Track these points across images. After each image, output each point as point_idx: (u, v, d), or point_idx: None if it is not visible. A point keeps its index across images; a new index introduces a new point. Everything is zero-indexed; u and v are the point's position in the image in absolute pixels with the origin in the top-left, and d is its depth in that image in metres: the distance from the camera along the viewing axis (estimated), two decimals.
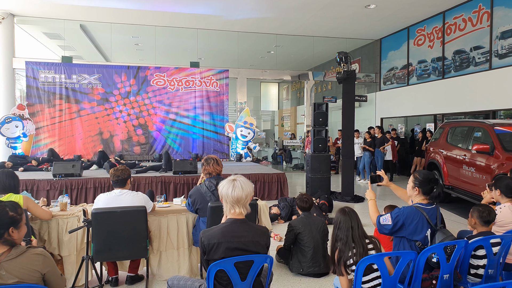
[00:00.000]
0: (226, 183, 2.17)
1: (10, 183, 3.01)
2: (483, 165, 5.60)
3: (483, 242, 2.54)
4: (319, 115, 7.62)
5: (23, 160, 7.94)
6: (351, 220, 2.46)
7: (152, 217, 3.47)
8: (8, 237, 1.79)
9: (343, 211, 2.52)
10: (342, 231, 2.44)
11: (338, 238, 2.46)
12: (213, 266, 2.03)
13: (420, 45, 10.32)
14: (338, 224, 2.48)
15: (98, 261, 3.21)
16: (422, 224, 2.56)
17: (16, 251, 1.79)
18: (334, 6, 8.98)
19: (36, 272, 1.81)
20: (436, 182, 2.67)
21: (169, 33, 11.30)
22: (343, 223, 2.46)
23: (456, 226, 5.26)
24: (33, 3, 9.01)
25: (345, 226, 2.44)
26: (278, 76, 12.29)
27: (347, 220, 2.46)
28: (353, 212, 2.53)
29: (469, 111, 8.63)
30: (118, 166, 3.37)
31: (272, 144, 16.53)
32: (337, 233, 2.47)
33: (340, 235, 2.44)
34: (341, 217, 2.49)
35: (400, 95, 11.14)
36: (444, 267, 2.40)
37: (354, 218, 2.48)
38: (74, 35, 11.51)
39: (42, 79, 9.70)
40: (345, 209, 2.54)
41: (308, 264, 3.60)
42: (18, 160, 7.86)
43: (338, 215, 2.52)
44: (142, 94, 10.24)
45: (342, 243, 2.41)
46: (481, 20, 8.23)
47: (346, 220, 2.46)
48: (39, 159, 8.13)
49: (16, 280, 1.74)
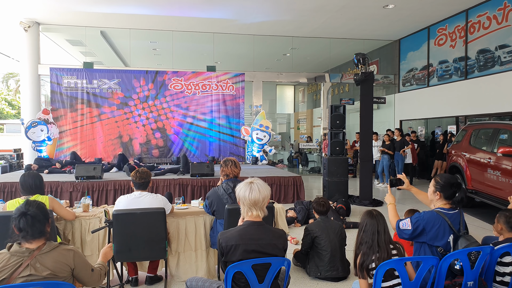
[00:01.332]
0: (243, 185, 2.18)
1: (36, 184, 3.12)
2: (509, 169, 5.39)
3: (510, 248, 2.45)
4: (336, 118, 7.53)
5: (47, 163, 8.20)
6: (377, 224, 2.38)
7: (170, 219, 3.51)
8: (47, 230, 1.96)
9: (370, 214, 2.44)
10: (368, 234, 2.37)
11: (363, 241, 2.38)
12: (231, 268, 2.03)
13: (441, 45, 10.08)
14: (364, 226, 2.41)
15: (118, 261, 3.28)
16: (443, 230, 2.49)
17: (49, 246, 1.93)
18: (351, 7, 8.90)
19: (67, 266, 1.93)
20: (459, 186, 2.58)
21: (186, 37, 11.48)
22: (369, 226, 2.38)
23: (480, 232, 5.08)
24: (56, 12, 9.35)
25: (371, 230, 2.37)
26: (294, 78, 12.26)
27: (374, 223, 2.38)
28: (380, 216, 2.44)
29: (493, 113, 8.34)
30: (139, 168, 3.43)
31: (288, 147, 16.46)
32: (362, 236, 2.39)
33: (366, 238, 2.37)
34: (368, 220, 2.41)
35: (420, 96, 10.89)
36: (468, 274, 2.32)
37: (381, 222, 2.40)
38: (95, 42, 11.86)
39: (65, 85, 10.03)
40: (372, 212, 2.46)
41: (326, 268, 3.55)
42: (43, 163, 8.13)
43: (364, 218, 2.45)
44: (160, 98, 10.42)
45: (367, 246, 2.34)
46: (506, 18, 7.96)
47: (373, 224, 2.38)
48: (63, 161, 8.38)
49: (48, 272, 1.85)
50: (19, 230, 1.89)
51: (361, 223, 2.45)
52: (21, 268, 1.82)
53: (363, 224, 2.43)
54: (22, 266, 1.83)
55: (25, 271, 1.82)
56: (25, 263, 1.83)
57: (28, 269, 1.83)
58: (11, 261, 1.83)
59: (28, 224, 1.88)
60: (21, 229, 1.88)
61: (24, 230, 1.88)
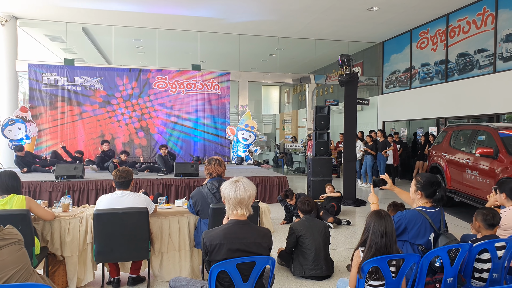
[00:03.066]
0: (228, 184, 2.16)
1: (12, 184, 3.01)
2: (486, 169, 5.56)
3: (488, 245, 2.52)
4: (321, 118, 7.61)
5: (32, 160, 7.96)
6: (386, 225, 2.28)
7: (153, 219, 3.45)
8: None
9: (379, 215, 2.34)
10: (376, 235, 2.27)
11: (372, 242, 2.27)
12: (215, 267, 2.01)
13: (423, 48, 10.32)
14: (372, 227, 2.31)
15: (100, 262, 3.20)
16: (425, 228, 2.54)
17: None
18: (336, 9, 9.00)
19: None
20: (439, 185, 2.64)
21: (171, 36, 11.34)
22: (378, 226, 2.28)
23: (459, 230, 5.22)
24: (35, 6, 9.07)
25: (380, 231, 2.27)
26: (280, 79, 12.30)
27: (383, 224, 2.28)
28: (388, 216, 2.35)
29: (472, 115, 8.60)
30: (120, 167, 3.36)
31: (273, 148, 16.51)
32: (371, 238, 2.29)
33: (374, 239, 2.26)
34: (376, 220, 2.31)
35: (403, 98, 11.12)
36: (448, 271, 2.37)
37: (389, 223, 2.31)
38: (76, 38, 11.57)
39: (44, 82, 9.74)
40: (381, 212, 2.36)
41: (310, 267, 3.57)
42: (28, 158, 7.88)
43: (372, 218, 2.35)
44: (144, 97, 10.26)
45: (376, 248, 2.24)
46: (485, 23, 8.22)
47: (382, 224, 2.28)
48: (47, 160, 8.16)
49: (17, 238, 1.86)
50: None
51: (368, 223, 2.36)
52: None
53: (370, 224, 2.34)
54: None
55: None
56: None
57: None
58: None
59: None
60: None
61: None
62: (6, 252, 1.86)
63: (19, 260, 1.90)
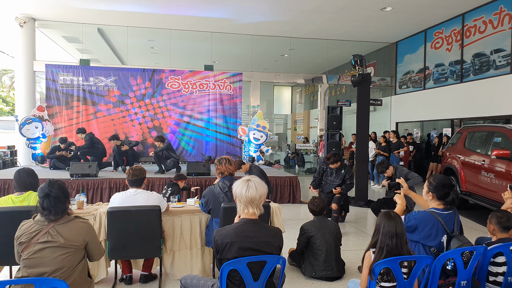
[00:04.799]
0: (240, 183, 2.18)
1: (30, 181, 3.09)
2: (503, 171, 5.44)
3: (503, 248, 2.47)
4: (333, 119, 7.56)
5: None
6: (396, 226, 2.27)
7: (166, 217, 3.50)
8: (67, 207, 2.25)
9: (388, 216, 2.32)
10: (387, 237, 2.25)
11: (382, 244, 2.26)
12: (226, 265, 2.03)
13: (438, 48, 10.15)
14: (382, 228, 2.29)
15: (112, 259, 3.26)
16: (436, 230, 2.51)
17: (67, 218, 2.22)
18: (349, 9, 8.93)
19: (80, 237, 2.20)
20: (451, 187, 2.60)
21: (184, 36, 11.45)
22: (387, 228, 2.27)
23: (474, 234, 5.11)
24: (53, 8, 9.29)
25: (390, 232, 2.26)
26: (292, 79, 12.28)
27: (392, 225, 2.27)
28: (398, 217, 2.34)
29: (488, 116, 8.41)
30: (133, 166, 3.42)
31: (284, 148, 16.47)
32: (381, 239, 2.27)
33: (385, 241, 2.25)
34: (386, 222, 2.30)
35: (416, 99, 10.95)
36: (462, 274, 2.34)
37: (399, 224, 2.29)
38: (92, 39, 11.80)
39: (61, 82, 9.96)
40: (390, 213, 2.35)
41: (321, 267, 3.56)
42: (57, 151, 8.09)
43: (382, 219, 2.33)
44: (157, 97, 10.39)
45: (388, 250, 2.23)
46: (502, 22, 8.04)
47: (391, 226, 2.27)
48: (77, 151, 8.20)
49: (63, 240, 2.12)
50: (43, 209, 2.16)
51: (378, 225, 2.36)
52: (40, 235, 2.10)
53: (380, 225, 2.33)
54: (41, 232, 2.11)
55: (43, 237, 2.10)
56: (44, 230, 2.12)
57: (46, 235, 2.10)
58: (33, 228, 2.13)
59: (51, 205, 2.15)
60: (45, 208, 2.16)
61: (47, 209, 2.15)
62: (49, 251, 2.10)
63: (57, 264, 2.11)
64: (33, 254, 2.08)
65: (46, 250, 2.08)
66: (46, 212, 2.15)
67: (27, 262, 2.09)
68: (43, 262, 2.08)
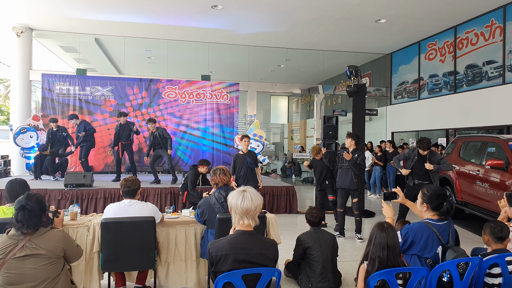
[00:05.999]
0: (235, 194, 2.17)
1: (22, 191, 3.05)
2: (497, 181, 5.47)
3: (498, 259, 2.47)
4: (329, 128, 7.60)
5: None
6: (387, 238, 2.25)
7: (160, 228, 3.47)
8: (42, 221, 2.23)
9: (381, 227, 2.31)
10: (378, 248, 2.24)
11: (374, 255, 2.25)
12: (220, 278, 2.01)
13: (432, 59, 10.29)
14: (374, 239, 2.29)
15: (106, 271, 3.21)
16: (432, 241, 2.50)
17: (42, 230, 2.21)
18: (344, 20, 9.06)
19: (59, 245, 2.22)
20: (445, 197, 2.61)
21: (181, 46, 11.52)
22: (379, 239, 2.27)
23: (471, 244, 5.10)
24: (50, 18, 9.33)
25: (381, 244, 2.25)
26: (288, 89, 12.35)
27: (384, 237, 2.26)
28: (391, 228, 2.32)
29: (482, 126, 8.50)
30: (126, 177, 3.40)
31: (281, 157, 16.48)
32: (372, 250, 2.27)
33: (376, 252, 2.24)
34: (378, 233, 2.29)
35: (411, 109, 11.05)
36: (458, 285, 2.33)
37: (391, 236, 2.27)
38: (89, 49, 11.83)
39: (57, 91, 9.94)
40: (383, 224, 2.33)
41: (317, 279, 3.53)
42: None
43: (374, 230, 2.32)
44: (154, 106, 10.39)
45: (379, 261, 2.21)
46: (493, 35, 8.19)
47: (383, 237, 2.26)
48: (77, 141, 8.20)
49: (45, 251, 2.13)
50: (16, 221, 2.14)
51: (371, 235, 2.35)
52: (16, 249, 2.08)
53: (372, 236, 2.32)
54: (17, 246, 2.09)
55: (21, 251, 2.08)
56: (20, 244, 2.09)
57: (24, 249, 2.09)
58: (8, 243, 2.10)
59: (25, 218, 2.12)
60: (18, 220, 2.13)
61: (21, 222, 2.12)
62: (30, 263, 2.08)
63: (42, 275, 2.10)
64: (12, 270, 2.05)
65: (27, 261, 2.07)
66: (19, 225, 2.12)
67: (7, 280, 2.05)
68: (25, 277, 2.06)
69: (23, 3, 8.39)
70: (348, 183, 5.52)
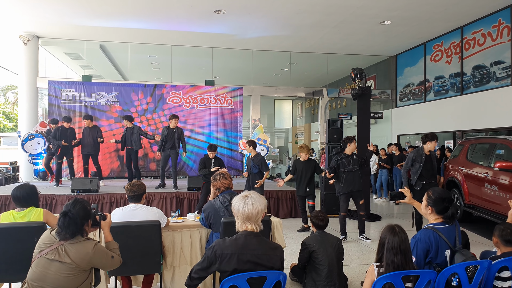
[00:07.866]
0: (238, 199, 2.17)
1: (30, 196, 3.08)
2: (506, 183, 5.39)
3: (508, 262, 2.42)
4: (334, 132, 7.56)
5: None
6: (400, 243, 2.20)
7: (166, 232, 3.46)
8: (84, 229, 2.24)
9: (393, 231, 2.25)
10: (391, 253, 2.19)
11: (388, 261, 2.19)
12: (225, 281, 2.00)
13: (437, 61, 10.22)
14: (387, 244, 2.23)
15: (112, 275, 3.21)
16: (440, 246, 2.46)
17: (77, 239, 2.19)
18: (348, 23, 9.05)
19: (85, 260, 2.17)
20: (450, 201, 2.56)
21: (185, 52, 11.60)
22: (391, 244, 2.21)
23: (479, 247, 5.03)
24: (56, 26, 9.47)
25: (395, 249, 2.19)
26: (292, 93, 12.35)
27: (396, 241, 2.21)
28: (403, 232, 2.27)
29: (490, 128, 8.40)
30: (132, 181, 3.42)
31: (285, 161, 16.44)
32: (387, 255, 2.21)
33: (390, 257, 2.19)
34: (390, 237, 2.23)
35: (417, 111, 10.97)
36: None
37: (403, 240, 2.22)
38: (94, 55, 11.97)
39: (63, 98, 10.05)
40: (395, 228, 2.27)
41: (323, 283, 3.49)
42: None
43: (386, 234, 2.27)
44: (159, 112, 10.45)
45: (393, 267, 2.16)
46: (501, 35, 8.11)
47: (395, 241, 2.21)
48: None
49: (70, 261, 2.11)
50: (58, 226, 2.18)
51: (382, 239, 2.30)
52: (49, 249, 2.12)
53: (384, 240, 2.27)
54: (51, 247, 2.13)
55: (51, 253, 2.11)
56: (54, 246, 2.13)
57: (54, 253, 2.11)
58: (46, 241, 2.17)
59: (65, 225, 2.15)
60: (59, 226, 2.17)
61: (60, 227, 2.17)
62: (54, 267, 2.08)
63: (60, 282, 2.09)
64: (39, 268, 2.11)
65: (53, 265, 2.10)
66: (59, 230, 2.18)
67: (32, 275, 2.11)
68: (46, 279, 2.09)
69: (30, 12, 8.53)
70: (357, 185, 5.59)
